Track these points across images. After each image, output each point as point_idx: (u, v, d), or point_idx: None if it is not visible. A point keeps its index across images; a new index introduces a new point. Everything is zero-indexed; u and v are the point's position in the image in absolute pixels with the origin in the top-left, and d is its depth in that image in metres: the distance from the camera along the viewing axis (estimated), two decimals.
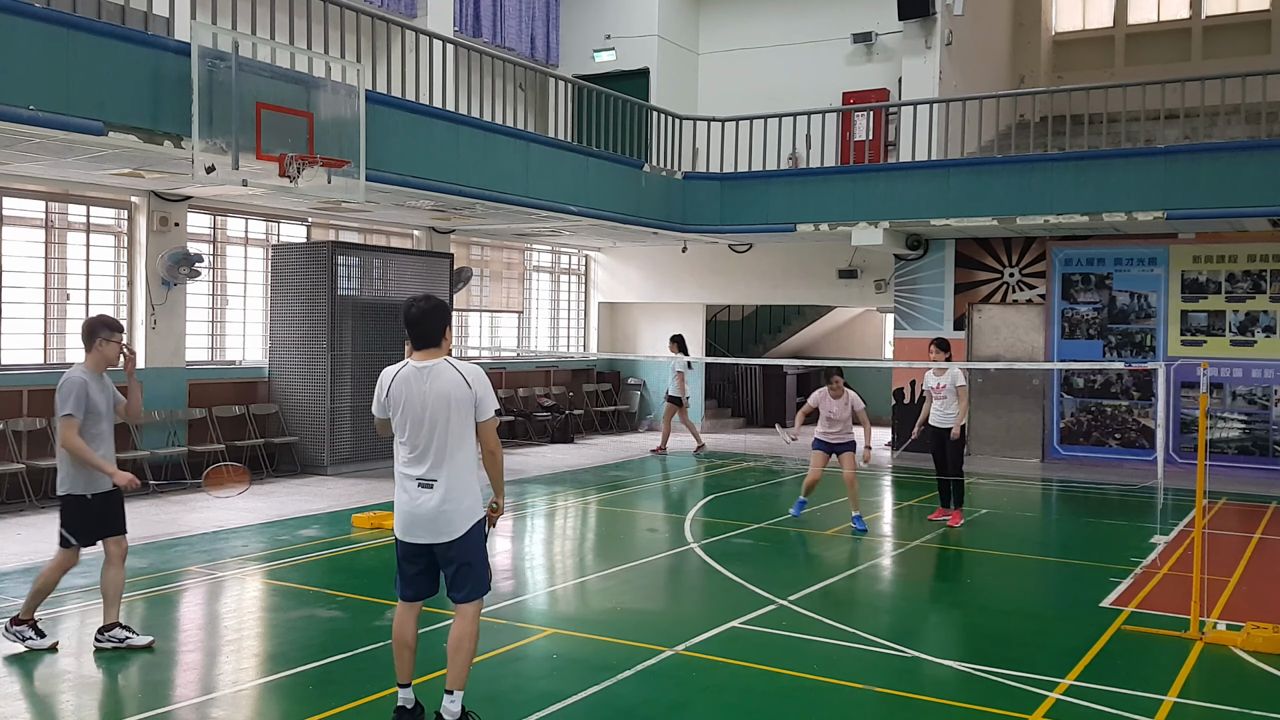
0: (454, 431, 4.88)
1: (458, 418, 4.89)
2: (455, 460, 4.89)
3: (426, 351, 4.97)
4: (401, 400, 4.95)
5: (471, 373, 4.96)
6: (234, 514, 10.67)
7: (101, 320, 6.26)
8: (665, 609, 7.86)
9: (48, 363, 11.74)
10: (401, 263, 14.62)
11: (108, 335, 6.17)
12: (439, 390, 4.88)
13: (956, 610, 7.81)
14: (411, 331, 4.97)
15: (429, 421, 4.88)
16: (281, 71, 10.63)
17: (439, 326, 4.97)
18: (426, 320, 4.96)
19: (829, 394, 10.67)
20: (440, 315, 4.98)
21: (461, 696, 4.92)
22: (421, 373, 4.93)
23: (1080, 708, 5.55)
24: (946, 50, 17.06)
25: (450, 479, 4.88)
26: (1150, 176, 13.72)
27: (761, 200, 16.23)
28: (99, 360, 6.19)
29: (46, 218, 11.75)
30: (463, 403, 4.89)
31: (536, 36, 18.62)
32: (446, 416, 4.88)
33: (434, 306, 5.00)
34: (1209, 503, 11.98)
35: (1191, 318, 15.32)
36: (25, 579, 7.96)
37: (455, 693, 4.90)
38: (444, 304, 5.07)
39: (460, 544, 4.91)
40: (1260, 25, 19.53)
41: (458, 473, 4.90)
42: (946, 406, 10.85)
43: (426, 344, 4.97)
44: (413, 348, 5.01)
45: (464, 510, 4.91)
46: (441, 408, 4.87)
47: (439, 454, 4.88)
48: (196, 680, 5.90)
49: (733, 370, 21.28)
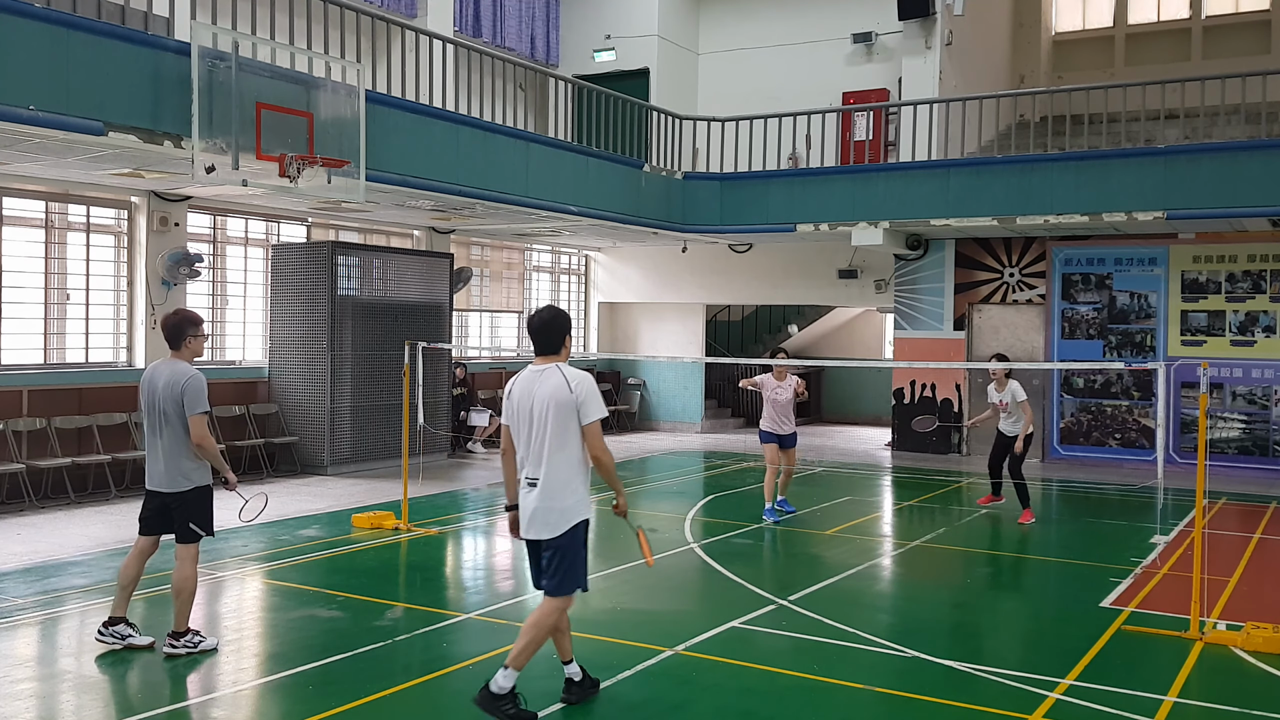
0: (554, 433, 5.13)
1: (559, 420, 5.13)
2: (554, 461, 5.14)
3: (545, 357, 5.30)
4: (515, 403, 5.29)
5: (576, 377, 5.21)
6: (234, 514, 10.66)
7: (186, 317, 6.31)
8: (665, 609, 7.85)
9: (48, 363, 11.74)
10: (401, 263, 14.62)
11: (194, 331, 6.27)
12: (545, 393, 5.16)
13: (956, 610, 7.81)
14: (534, 339, 5.31)
15: (535, 423, 5.18)
16: (281, 71, 10.63)
17: (558, 335, 5.29)
18: (546, 329, 5.29)
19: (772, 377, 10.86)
20: (559, 325, 5.31)
21: (515, 675, 5.15)
22: (535, 376, 5.25)
23: (1080, 708, 5.55)
24: (946, 50, 17.06)
25: (549, 479, 5.15)
26: (1150, 176, 13.72)
27: (761, 200, 16.23)
28: (189, 356, 6.28)
29: (46, 218, 11.75)
30: (564, 405, 5.13)
31: (536, 36, 18.62)
32: (547, 419, 5.14)
33: (554, 316, 5.34)
34: (1209, 503, 11.98)
35: (1191, 318, 15.32)
36: (25, 579, 7.98)
37: (509, 669, 5.15)
38: (564, 314, 5.39)
39: (557, 543, 5.17)
40: (1260, 25, 19.53)
41: (556, 473, 5.15)
42: (1011, 418, 11.15)
43: (546, 350, 5.30)
44: (535, 354, 5.33)
45: (561, 510, 5.16)
46: (545, 410, 5.15)
47: (539, 454, 5.17)
48: (197, 680, 5.90)
49: (733, 370, 21.28)
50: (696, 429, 19.65)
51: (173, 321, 6.28)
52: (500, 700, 5.10)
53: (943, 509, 11.84)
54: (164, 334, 6.32)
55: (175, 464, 6.20)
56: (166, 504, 6.26)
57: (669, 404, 20.05)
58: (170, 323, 6.29)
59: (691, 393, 19.88)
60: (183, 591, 6.19)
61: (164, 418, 6.15)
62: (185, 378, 6.14)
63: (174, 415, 6.14)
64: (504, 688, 5.11)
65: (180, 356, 6.28)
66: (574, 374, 5.21)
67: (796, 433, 11.10)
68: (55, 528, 9.90)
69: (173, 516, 6.29)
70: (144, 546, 6.39)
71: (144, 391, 6.26)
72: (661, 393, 20.14)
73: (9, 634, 6.66)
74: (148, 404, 6.23)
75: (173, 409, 6.13)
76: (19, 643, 6.56)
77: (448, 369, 15.37)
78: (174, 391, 6.12)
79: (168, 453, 6.19)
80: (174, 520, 6.30)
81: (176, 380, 6.13)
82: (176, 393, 6.12)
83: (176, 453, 6.19)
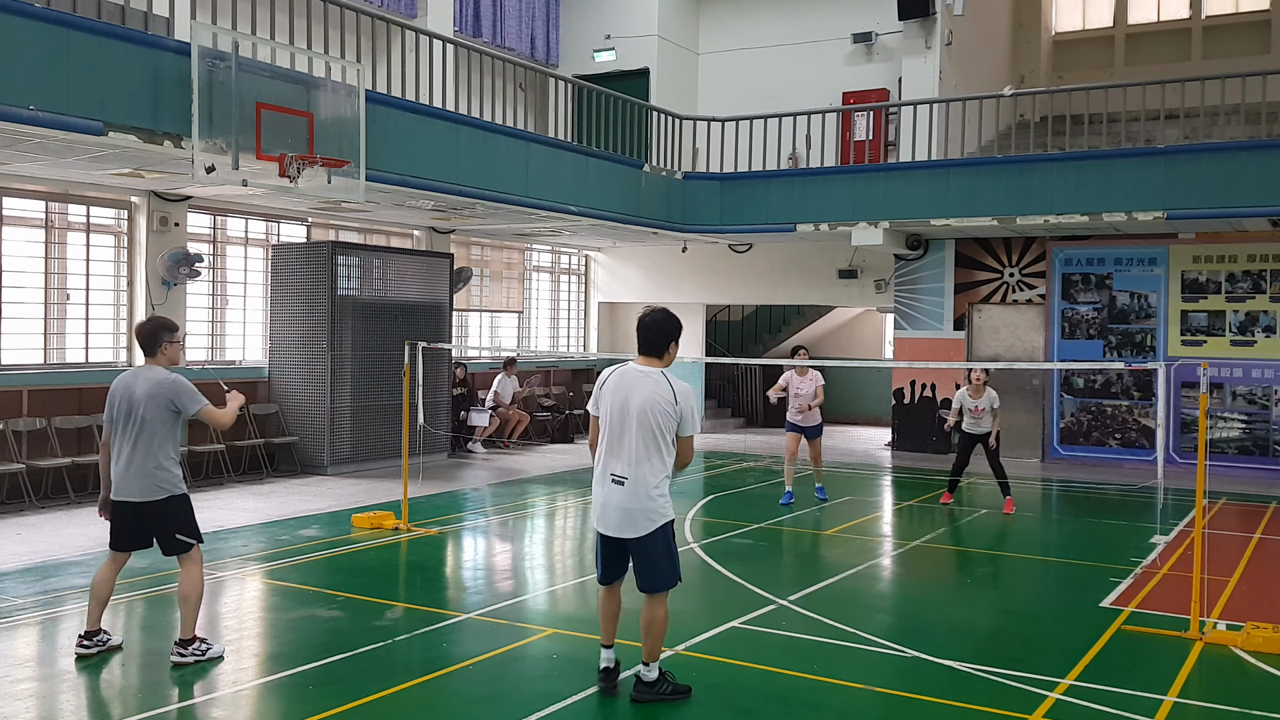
0: (652, 437, 5.23)
1: (659, 426, 5.23)
2: (648, 463, 5.24)
3: (649, 359, 5.35)
4: (610, 397, 5.33)
5: (683, 391, 5.30)
6: (234, 514, 10.68)
7: (161, 323, 6.21)
8: None
9: (48, 363, 11.74)
10: (401, 263, 14.63)
11: (169, 337, 6.16)
12: (648, 397, 5.22)
13: (956, 610, 7.81)
14: (642, 337, 5.33)
15: (632, 423, 5.24)
16: (281, 71, 10.63)
17: (667, 339, 5.32)
18: (657, 330, 5.33)
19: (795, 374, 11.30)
20: (670, 328, 5.33)
21: (657, 666, 5.50)
22: (638, 376, 5.30)
23: (1080, 708, 5.55)
24: (946, 50, 17.06)
25: (640, 480, 5.24)
26: (1150, 176, 13.72)
27: (761, 200, 16.23)
28: (166, 363, 6.15)
29: (46, 218, 11.75)
30: (668, 415, 5.24)
31: (536, 36, 18.62)
32: (646, 422, 5.23)
33: (666, 319, 5.35)
34: (1209, 503, 11.98)
35: (1191, 318, 15.32)
36: (25, 579, 7.98)
37: (650, 664, 5.48)
38: (676, 319, 5.39)
39: (645, 542, 5.30)
40: (1260, 25, 19.53)
41: (648, 475, 5.25)
42: (980, 421, 11.55)
43: (651, 352, 5.34)
44: (639, 353, 5.38)
45: (650, 511, 5.28)
46: (645, 413, 5.22)
47: (634, 454, 5.24)
48: (197, 680, 5.89)
49: (733, 370, 21.30)
50: (696, 429, 19.62)
51: (148, 328, 6.16)
52: (654, 685, 5.46)
53: (943, 509, 11.84)
54: (139, 341, 6.18)
55: (150, 473, 6.00)
56: (141, 516, 6.06)
57: None
58: (145, 329, 6.15)
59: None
60: (189, 598, 6.08)
61: (141, 424, 5.95)
62: (171, 383, 5.99)
63: (154, 422, 5.96)
64: (651, 677, 5.46)
65: (156, 363, 6.12)
66: (681, 386, 5.29)
67: (821, 425, 11.94)
68: (55, 528, 9.90)
69: (148, 528, 6.10)
70: (118, 559, 6.21)
71: (118, 399, 6.04)
72: None
73: (9, 634, 6.66)
74: (124, 412, 6.01)
75: (154, 415, 5.95)
76: (19, 643, 6.56)
77: (448, 369, 15.37)
78: (158, 398, 5.95)
79: (142, 462, 5.98)
80: (151, 532, 6.11)
81: (159, 388, 5.96)
82: (162, 399, 5.95)
83: (152, 461, 5.99)
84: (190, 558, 6.14)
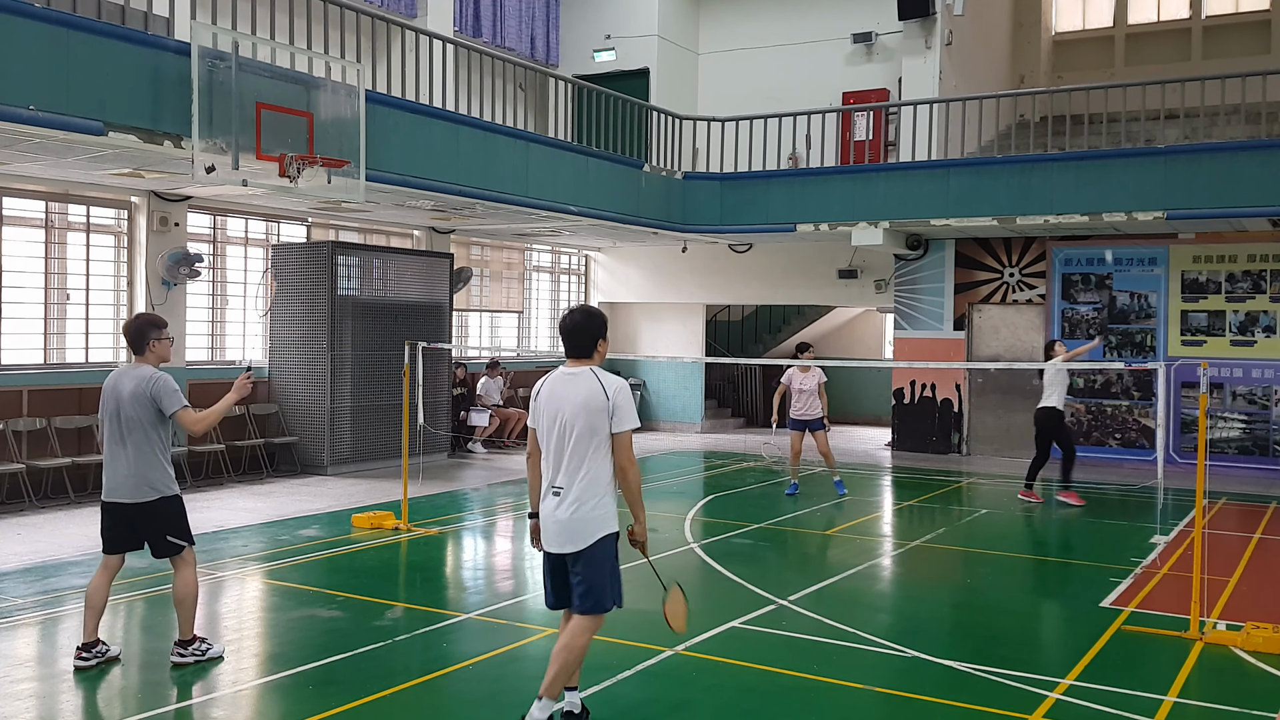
0: (584, 440, 4.88)
1: (589, 427, 4.88)
2: (583, 470, 4.88)
3: (577, 360, 5.05)
4: (543, 405, 5.04)
5: (613, 384, 4.95)
6: (234, 514, 10.68)
7: (148, 320, 6.14)
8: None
9: (48, 363, 11.74)
10: (401, 263, 14.62)
11: (157, 334, 6.08)
12: (577, 398, 4.91)
13: (956, 610, 7.81)
14: (567, 340, 5.07)
15: (564, 428, 4.91)
16: (281, 71, 10.63)
17: (591, 337, 5.05)
18: (579, 330, 5.05)
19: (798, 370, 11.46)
20: (592, 327, 5.06)
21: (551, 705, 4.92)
22: (567, 379, 5.00)
23: (1080, 708, 5.55)
24: (946, 50, 17.06)
25: (576, 489, 4.88)
26: (1150, 176, 13.72)
27: (761, 200, 16.23)
28: (155, 361, 6.08)
29: (46, 218, 11.75)
30: (597, 412, 4.88)
31: (536, 36, 18.61)
32: (576, 424, 4.89)
33: (587, 317, 5.08)
34: (1209, 503, 11.98)
35: (1191, 318, 15.32)
36: (25, 579, 7.98)
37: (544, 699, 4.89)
38: (599, 315, 5.14)
39: (585, 555, 4.89)
40: (1260, 25, 19.53)
41: (584, 483, 4.88)
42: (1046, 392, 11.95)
43: (578, 353, 5.05)
44: (566, 356, 5.09)
45: (588, 521, 4.88)
46: (575, 415, 4.89)
47: (566, 462, 4.90)
48: (197, 680, 5.89)
49: (733, 370, 21.30)
50: (696, 429, 19.65)
51: (134, 326, 6.09)
52: None
53: (943, 509, 11.84)
54: (126, 339, 6.11)
55: (141, 474, 5.94)
56: (131, 518, 5.99)
57: (669, 404, 20.05)
58: (132, 327, 6.10)
59: (691, 393, 19.88)
60: (185, 600, 6.02)
61: (129, 425, 5.91)
62: (152, 381, 5.91)
63: (142, 422, 5.91)
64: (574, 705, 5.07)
65: (145, 361, 6.05)
66: (610, 380, 4.96)
67: (824, 419, 12.23)
68: (55, 528, 9.90)
69: (139, 530, 6.03)
70: (111, 565, 6.11)
71: (107, 399, 6.01)
72: (661, 393, 20.14)
73: (9, 634, 6.67)
74: (112, 412, 5.97)
75: (140, 415, 5.90)
76: (19, 643, 6.56)
77: (448, 369, 15.37)
78: (141, 397, 5.90)
79: (133, 462, 5.93)
80: (142, 534, 6.04)
81: (142, 386, 5.91)
82: (145, 397, 5.90)
83: (142, 462, 5.93)
84: (183, 560, 6.06)
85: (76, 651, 6.01)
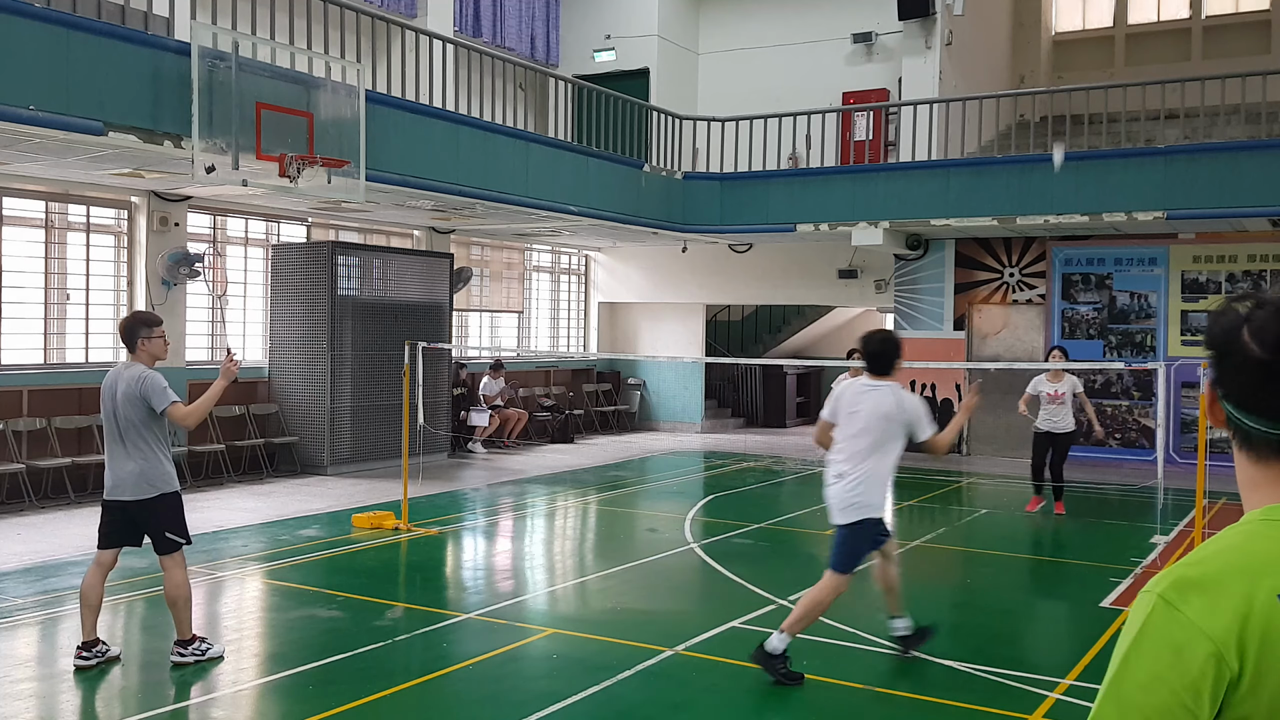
0: (876, 440, 5.83)
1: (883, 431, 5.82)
2: (867, 463, 5.82)
3: (878, 376, 5.98)
4: (843, 406, 6.02)
5: (910, 401, 5.96)
6: (234, 514, 10.68)
7: (140, 318, 6.14)
8: (665, 609, 7.85)
9: (48, 363, 11.74)
10: (401, 263, 14.63)
11: (148, 332, 6.08)
12: (876, 406, 5.85)
13: (956, 610, 7.81)
14: (870, 363, 6.01)
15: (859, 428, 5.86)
16: (281, 71, 10.63)
17: (888, 362, 5.98)
18: (881, 356, 5.99)
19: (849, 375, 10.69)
20: (892, 352, 6.00)
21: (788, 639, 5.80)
22: (868, 390, 5.95)
23: (1081, 708, 5.54)
24: (946, 50, 17.06)
25: (858, 476, 5.82)
26: (1150, 176, 13.72)
27: (761, 200, 16.23)
28: (148, 359, 6.08)
29: (46, 218, 11.75)
30: (892, 421, 5.83)
31: (536, 36, 18.61)
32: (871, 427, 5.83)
33: (887, 346, 6.02)
34: (1209, 503, 11.96)
35: (1192, 318, 15.31)
36: (25, 579, 7.98)
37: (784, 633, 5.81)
38: (897, 343, 6.10)
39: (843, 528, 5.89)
40: (1260, 25, 19.52)
41: (866, 473, 5.81)
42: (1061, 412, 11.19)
43: (879, 371, 5.99)
44: (869, 373, 6.01)
45: (858, 504, 5.84)
46: (871, 420, 5.84)
47: (855, 454, 5.86)
48: (197, 680, 5.90)
49: (733, 370, 21.29)
50: (696, 429, 19.65)
51: (127, 324, 6.11)
52: (774, 659, 5.73)
53: (943, 509, 11.84)
54: (121, 338, 6.14)
55: (140, 471, 5.96)
56: (131, 515, 6.02)
57: (669, 404, 20.05)
58: (124, 325, 6.12)
59: (691, 393, 19.88)
60: (177, 600, 6.02)
61: (126, 424, 5.94)
62: (141, 380, 5.92)
63: (136, 420, 5.92)
64: (777, 648, 5.74)
65: (138, 359, 6.06)
66: (908, 397, 5.94)
67: None
68: (55, 528, 9.90)
69: (140, 527, 6.06)
70: (105, 561, 6.12)
71: (105, 399, 6.03)
72: (661, 393, 20.14)
73: (9, 634, 6.67)
74: (109, 412, 6.00)
75: (134, 413, 5.91)
76: (19, 643, 6.56)
77: (448, 369, 15.37)
78: (132, 396, 5.91)
79: (133, 460, 5.96)
80: (143, 530, 6.07)
81: (133, 386, 5.92)
82: (135, 397, 5.91)
83: (143, 460, 5.96)
84: (174, 560, 6.05)
85: (76, 651, 6.00)
